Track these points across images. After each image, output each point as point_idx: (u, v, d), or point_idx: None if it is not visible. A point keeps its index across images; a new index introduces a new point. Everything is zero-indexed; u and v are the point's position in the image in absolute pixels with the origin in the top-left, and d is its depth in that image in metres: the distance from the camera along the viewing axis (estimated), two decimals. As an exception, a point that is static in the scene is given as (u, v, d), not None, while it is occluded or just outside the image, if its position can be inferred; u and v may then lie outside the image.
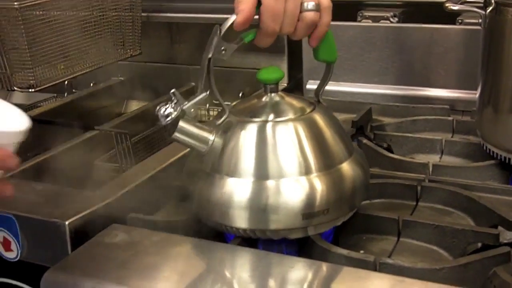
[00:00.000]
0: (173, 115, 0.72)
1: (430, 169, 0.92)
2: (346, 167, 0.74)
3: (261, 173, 0.71)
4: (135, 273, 0.67)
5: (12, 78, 1.02)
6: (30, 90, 1.02)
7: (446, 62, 1.20)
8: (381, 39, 1.23)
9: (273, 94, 0.77)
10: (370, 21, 1.29)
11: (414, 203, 0.85)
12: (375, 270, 0.67)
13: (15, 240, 0.78)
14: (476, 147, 0.98)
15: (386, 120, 1.15)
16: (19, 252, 0.78)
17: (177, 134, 0.73)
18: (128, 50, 1.21)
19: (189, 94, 0.75)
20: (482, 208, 0.80)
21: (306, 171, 0.71)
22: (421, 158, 1.00)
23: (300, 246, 0.76)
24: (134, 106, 1.39)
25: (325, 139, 0.75)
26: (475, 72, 1.12)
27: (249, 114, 0.75)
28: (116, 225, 0.78)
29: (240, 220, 0.72)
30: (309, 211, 0.71)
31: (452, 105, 1.17)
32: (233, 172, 0.72)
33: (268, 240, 0.76)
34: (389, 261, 0.68)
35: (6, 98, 1.33)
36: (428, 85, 1.21)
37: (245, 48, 1.27)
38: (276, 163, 0.71)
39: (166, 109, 0.73)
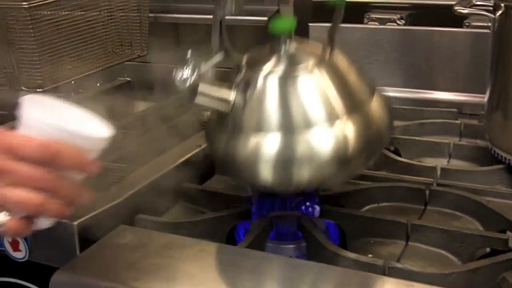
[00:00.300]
0: (191, 80, 0.71)
1: (438, 173, 0.92)
2: (374, 105, 0.74)
3: (289, 125, 0.70)
4: (144, 274, 0.67)
5: (20, 78, 1.02)
6: (37, 90, 1.02)
7: (453, 65, 1.20)
8: (389, 41, 1.23)
9: (287, 43, 0.75)
10: (377, 23, 1.29)
11: (423, 207, 0.85)
12: (384, 274, 0.67)
13: (23, 240, 0.78)
14: (484, 151, 0.98)
15: (394, 122, 1.14)
16: (27, 252, 0.79)
17: (198, 99, 0.72)
18: (136, 51, 1.21)
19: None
20: (491, 212, 0.80)
21: (335, 117, 0.71)
22: (429, 161, 0.99)
23: (309, 249, 0.76)
24: (141, 106, 1.38)
25: (349, 80, 0.74)
26: (482, 75, 1.11)
27: (267, 67, 0.74)
28: (124, 226, 0.78)
29: (273, 177, 0.71)
30: (343, 157, 0.70)
31: (459, 108, 1.17)
32: (260, 128, 0.71)
33: (277, 242, 0.76)
34: (398, 265, 0.68)
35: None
36: (435, 88, 1.21)
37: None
38: (303, 113, 0.71)
39: (183, 74, 0.72)
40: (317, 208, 0.85)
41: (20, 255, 0.79)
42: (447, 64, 1.20)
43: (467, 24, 1.20)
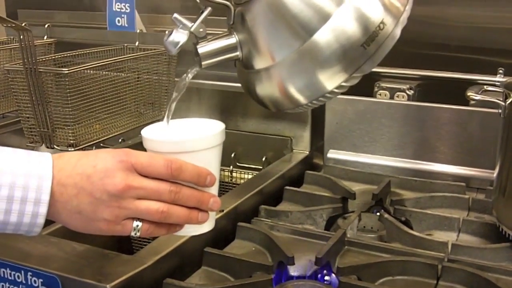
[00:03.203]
0: (183, 41, 0.71)
1: (449, 248, 0.96)
2: None
3: (303, 33, 0.71)
4: None
5: (53, 137, 1.07)
6: (69, 149, 1.07)
7: (461, 140, 1.25)
8: (401, 115, 1.29)
9: None
10: (387, 92, 1.35)
11: (435, 281, 0.89)
12: None
13: (58, 298, 0.81)
14: (492, 227, 1.03)
15: (404, 193, 1.20)
16: (62, 310, 0.82)
17: (205, 62, 0.73)
18: (161, 112, 1.27)
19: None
20: (499, 291, 0.84)
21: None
22: (439, 234, 1.04)
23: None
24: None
25: None
26: (489, 151, 1.18)
27: None
28: (153, 291, 0.82)
29: (322, 85, 0.73)
30: (366, 36, 0.71)
31: (467, 182, 1.22)
32: (280, 52, 0.73)
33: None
34: None
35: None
36: (444, 161, 1.27)
37: (271, 116, 1.35)
38: (308, 14, 0.71)
39: (174, 36, 0.70)
40: (335, 279, 0.89)
41: (53, 312, 0.82)
42: (455, 138, 1.26)
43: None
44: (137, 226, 0.66)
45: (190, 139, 0.68)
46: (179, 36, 0.71)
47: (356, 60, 0.72)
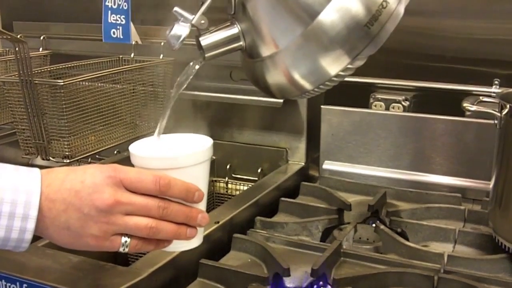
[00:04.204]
0: (185, 34, 0.70)
1: (445, 260, 0.96)
2: None
3: (305, 16, 0.71)
4: None
5: (49, 149, 1.07)
6: (65, 161, 1.07)
7: (456, 151, 1.26)
8: (397, 126, 1.29)
9: None
10: (382, 103, 1.36)
11: (431, 293, 0.89)
12: None
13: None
14: (488, 238, 1.03)
15: (400, 204, 1.20)
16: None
17: (208, 54, 0.73)
18: (158, 123, 1.27)
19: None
20: (496, 302, 0.84)
21: None
22: (435, 246, 1.04)
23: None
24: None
25: None
26: (484, 162, 1.18)
27: None
28: (148, 303, 0.81)
29: (327, 69, 0.73)
30: (369, 16, 0.70)
31: (463, 193, 1.22)
32: (284, 38, 0.72)
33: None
34: None
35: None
36: (440, 172, 1.27)
37: (267, 128, 1.35)
38: None
39: (176, 30, 0.70)
40: (331, 290, 0.89)
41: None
42: (451, 150, 1.26)
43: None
44: (126, 241, 0.66)
45: (178, 156, 0.68)
46: (181, 29, 0.71)
47: (359, 41, 0.72)
